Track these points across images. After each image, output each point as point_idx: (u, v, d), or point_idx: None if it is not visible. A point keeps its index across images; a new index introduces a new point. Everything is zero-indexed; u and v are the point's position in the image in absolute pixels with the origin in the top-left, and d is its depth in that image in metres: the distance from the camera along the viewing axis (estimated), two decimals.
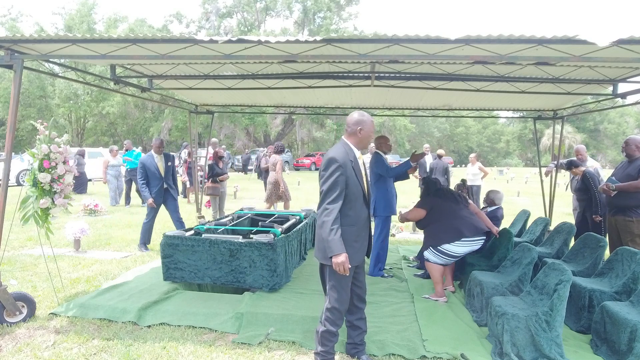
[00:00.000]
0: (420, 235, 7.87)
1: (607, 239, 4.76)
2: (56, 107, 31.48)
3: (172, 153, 7.27)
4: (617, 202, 4.92)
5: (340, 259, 2.79)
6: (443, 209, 4.58)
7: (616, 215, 4.96)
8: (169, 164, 6.56)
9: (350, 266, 2.87)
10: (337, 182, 2.87)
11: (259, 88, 6.31)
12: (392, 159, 33.48)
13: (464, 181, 7.11)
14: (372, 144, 12.06)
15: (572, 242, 5.10)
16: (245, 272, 4.49)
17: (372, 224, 3.48)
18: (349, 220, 2.95)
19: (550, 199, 7.34)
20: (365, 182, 3.09)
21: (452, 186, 10.78)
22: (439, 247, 4.44)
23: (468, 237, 4.40)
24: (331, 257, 2.82)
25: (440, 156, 10.35)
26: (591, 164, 6.64)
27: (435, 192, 4.89)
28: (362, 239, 3.07)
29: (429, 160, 10.72)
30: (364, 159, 3.35)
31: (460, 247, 4.41)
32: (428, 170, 10.41)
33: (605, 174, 6.49)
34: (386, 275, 5.40)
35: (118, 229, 8.28)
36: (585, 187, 5.76)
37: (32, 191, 3.95)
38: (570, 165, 6.21)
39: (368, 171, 3.26)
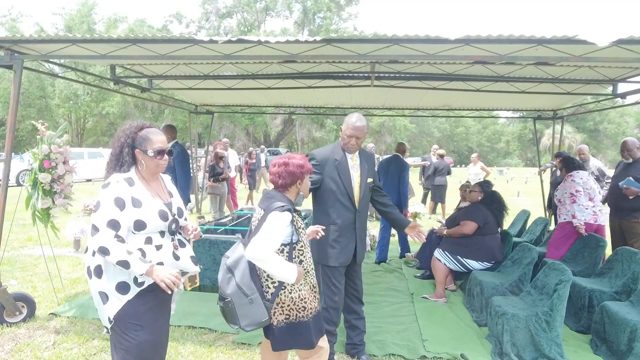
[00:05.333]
0: None
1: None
2: (56, 108, 31.46)
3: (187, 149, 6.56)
4: (623, 205, 4.82)
5: None
6: (490, 227, 4.57)
7: (622, 218, 4.90)
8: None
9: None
10: None
11: (258, 88, 6.32)
12: None
13: (468, 183, 7.12)
14: (372, 145, 12.13)
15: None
16: None
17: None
18: (328, 219, 2.96)
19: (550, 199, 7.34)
20: (355, 184, 3.01)
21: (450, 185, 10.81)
22: (460, 258, 4.48)
23: (496, 260, 4.54)
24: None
25: (442, 156, 10.33)
26: (594, 164, 6.61)
27: (490, 205, 4.69)
28: (346, 241, 3.00)
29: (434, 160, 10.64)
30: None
31: (480, 265, 4.53)
32: (432, 170, 10.36)
33: (609, 174, 6.48)
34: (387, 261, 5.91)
35: None
36: None
37: (40, 189, 3.95)
38: (559, 156, 6.13)
39: (368, 173, 3.14)
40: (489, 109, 8.26)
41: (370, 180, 3.10)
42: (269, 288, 2.24)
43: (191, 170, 9.97)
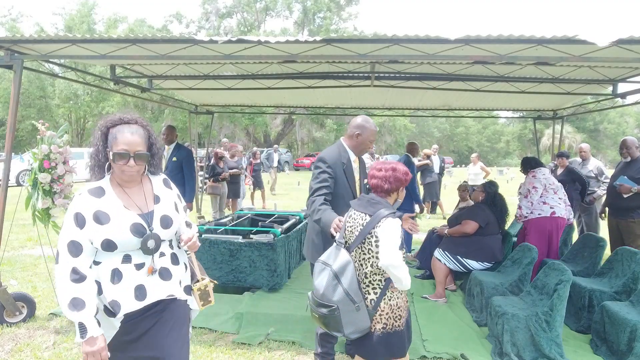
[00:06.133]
0: (419, 235, 7.85)
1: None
2: (56, 108, 31.46)
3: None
4: (620, 204, 4.83)
5: (335, 223, 2.60)
6: (491, 228, 4.57)
7: (619, 218, 4.90)
8: (174, 159, 5.49)
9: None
10: (323, 181, 2.87)
11: (258, 88, 6.32)
12: (392, 159, 33.47)
13: (465, 183, 7.15)
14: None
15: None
16: (245, 272, 4.49)
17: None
18: None
19: None
20: (357, 186, 3.03)
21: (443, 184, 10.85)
22: (460, 258, 4.47)
23: (496, 260, 4.52)
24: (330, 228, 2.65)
25: (428, 156, 10.27)
26: (593, 164, 6.61)
27: (492, 207, 4.69)
28: None
29: (436, 160, 10.53)
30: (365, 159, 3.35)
31: (480, 265, 4.51)
32: (420, 170, 10.29)
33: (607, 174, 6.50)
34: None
35: None
36: (570, 180, 5.86)
37: (40, 189, 3.94)
38: (561, 155, 6.39)
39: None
40: (489, 109, 8.26)
41: (366, 180, 3.11)
42: (369, 294, 2.22)
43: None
